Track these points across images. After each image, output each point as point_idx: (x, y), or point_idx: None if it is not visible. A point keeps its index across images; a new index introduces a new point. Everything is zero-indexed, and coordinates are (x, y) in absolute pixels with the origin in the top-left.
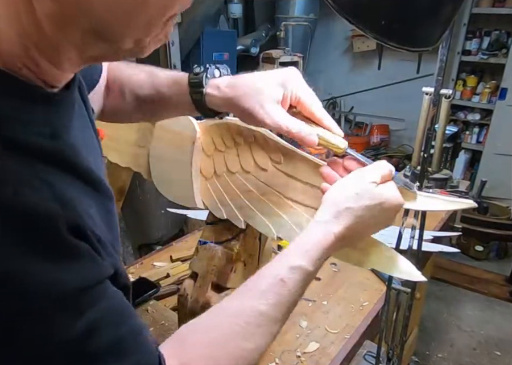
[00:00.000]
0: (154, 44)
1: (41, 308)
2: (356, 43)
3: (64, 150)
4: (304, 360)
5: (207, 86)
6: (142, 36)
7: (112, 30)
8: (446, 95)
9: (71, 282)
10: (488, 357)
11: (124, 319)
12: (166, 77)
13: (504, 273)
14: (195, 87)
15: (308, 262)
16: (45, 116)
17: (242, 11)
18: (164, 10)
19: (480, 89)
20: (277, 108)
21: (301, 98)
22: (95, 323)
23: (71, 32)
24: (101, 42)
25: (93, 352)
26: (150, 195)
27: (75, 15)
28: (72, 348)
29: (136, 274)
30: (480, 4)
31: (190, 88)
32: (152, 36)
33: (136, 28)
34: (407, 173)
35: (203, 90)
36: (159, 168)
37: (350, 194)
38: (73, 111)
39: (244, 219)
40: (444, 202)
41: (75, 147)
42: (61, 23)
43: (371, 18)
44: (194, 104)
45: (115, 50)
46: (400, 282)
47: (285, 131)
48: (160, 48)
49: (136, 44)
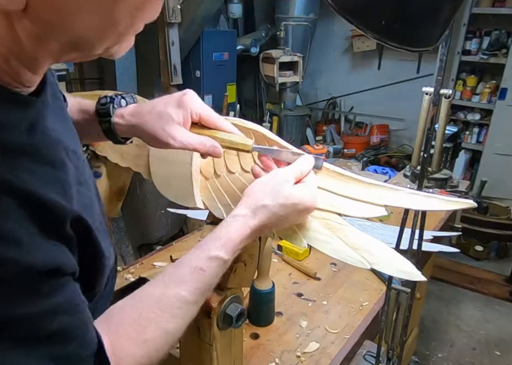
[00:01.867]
0: (119, 50)
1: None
2: (356, 43)
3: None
4: (304, 360)
5: (114, 116)
6: (112, 45)
7: (88, 42)
8: (446, 95)
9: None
10: (488, 357)
11: (76, 311)
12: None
13: (504, 273)
14: (103, 116)
15: (225, 253)
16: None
17: (242, 11)
18: (133, 26)
19: (480, 89)
20: (178, 129)
21: (201, 114)
22: (50, 309)
23: (49, 46)
24: (76, 51)
25: (42, 334)
26: (150, 195)
27: (55, 33)
28: (25, 325)
29: (136, 274)
30: (480, 4)
31: (98, 118)
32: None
33: (109, 39)
34: (407, 173)
35: (111, 119)
36: (158, 168)
37: (267, 192)
38: (48, 107)
39: None
40: (444, 202)
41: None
42: (41, 39)
43: (371, 18)
44: (103, 132)
45: (87, 56)
46: (400, 282)
47: (191, 148)
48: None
49: (105, 50)
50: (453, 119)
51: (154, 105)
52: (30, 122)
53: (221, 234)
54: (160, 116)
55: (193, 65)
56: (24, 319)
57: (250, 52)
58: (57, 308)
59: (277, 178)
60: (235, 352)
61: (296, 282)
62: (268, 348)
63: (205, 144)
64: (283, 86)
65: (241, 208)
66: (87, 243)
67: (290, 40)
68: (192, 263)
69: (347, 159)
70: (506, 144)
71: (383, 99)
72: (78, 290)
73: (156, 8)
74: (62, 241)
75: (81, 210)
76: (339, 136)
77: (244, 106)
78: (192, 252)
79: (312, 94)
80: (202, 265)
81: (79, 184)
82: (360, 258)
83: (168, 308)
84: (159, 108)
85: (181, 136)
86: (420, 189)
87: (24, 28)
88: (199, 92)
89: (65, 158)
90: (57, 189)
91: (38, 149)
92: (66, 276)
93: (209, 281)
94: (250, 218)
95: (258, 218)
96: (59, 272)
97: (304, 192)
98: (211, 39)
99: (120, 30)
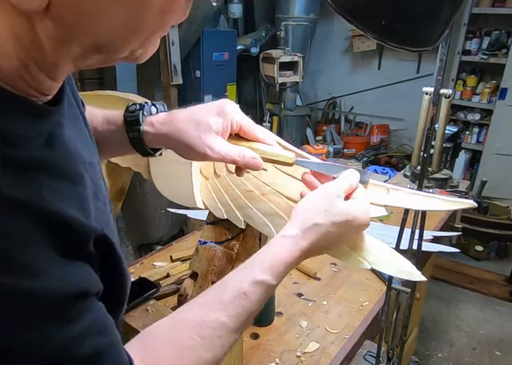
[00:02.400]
0: (145, 53)
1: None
2: (356, 43)
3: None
4: (304, 360)
5: (143, 124)
6: (137, 48)
7: (112, 45)
8: (446, 95)
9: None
10: (488, 357)
11: (105, 331)
12: (100, 114)
13: (504, 273)
14: (131, 125)
15: (272, 277)
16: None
17: (242, 11)
18: (159, 29)
19: (480, 89)
20: (216, 138)
21: (242, 125)
22: (79, 333)
23: (71, 49)
24: (99, 54)
25: (71, 360)
26: (150, 195)
27: (78, 36)
28: (54, 355)
29: (136, 274)
30: (480, 4)
31: (126, 126)
32: (145, 48)
33: (134, 43)
34: (407, 173)
35: (140, 127)
36: (158, 168)
37: (318, 210)
38: (65, 117)
39: (244, 219)
40: (444, 202)
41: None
42: (63, 42)
43: (371, 18)
44: (130, 142)
45: (111, 60)
46: (400, 282)
47: (229, 160)
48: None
49: (130, 53)
50: (453, 119)
51: (190, 112)
52: (48, 134)
53: (268, 256)
54: (197, 124)
55: (193, 65)
56: (55, 348)
57: (250, 52)
58: (86, 332)
59: (327, 194)
60: (235, 352)
61: (296, 282)
62: (268, 348)
63: (244, 155)
64: (283, 86)
65: (291, 229)
66: (110, 259)
67: (290, 40)
68: (234, 286)
69: (347, 159)
70: (506, 144)
71: (383, 99)
72: (103, 309)
73: (185, 9)
74: (85, 260)
75: (101, 226)
76: (339, 136)
77: (244, 106)
78: (235, 272)
79: (312, 94)
80: (245, 289)
81: (96, 198)
82: (360, 258)
83: (207, 336)
84: (196, 116)
85: (220, 147)
86: (420, 189)
87: (46, 29)
88: (199, 92)
89: (83, 171)
90: (77, 205)
91: (58, 163)
92: (92, 296)
93: (251, 307)
94: (301, 238)
95: (309, 239)
96: (85, 294)
97: (356, 207)
98: (211, 39)
99: (147, 33)
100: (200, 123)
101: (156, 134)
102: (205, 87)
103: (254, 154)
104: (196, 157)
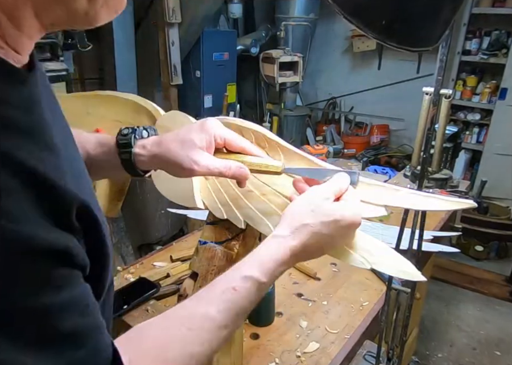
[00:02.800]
0: (107, 9)
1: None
2: (356, 43)
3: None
4: (304, 360)
5: (135, 146)
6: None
7: None
8: (446, 95)
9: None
10: (488, 357)
11: (88, 312)
12: (92, 138)
13: (504, 273)
14: (124, 147)
15: (261, 274)
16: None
17: (242, 11)
18: None
19: (480, 89)
20: (202, 154)
21: (226, 138)
22: (61, 304)
23: None
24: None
25: (52, 334)
26: (150, 195)
27: None
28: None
29: (136, 274)
30: (480, 4)
31: (118, 149)
32: None
33: None
34: (407, 173)
35: (132, 150)
36: None
37: (306, 210)
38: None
39: (244, 219)
40: (444, 202)
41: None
42: None
43: (371, 18)
44: (122, 164)
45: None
46: (400, 282)
47: (217, 173)
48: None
49: (90, 5)
50: (453, 119)
51: (176, 133)
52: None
53: (258, 255)
54: (182, 142)
55: (193, 65)
56: (35, 311)
57: (250, 52)
58: (68, 306)
59: (314, 196)
60: (235, 352)
61: (296, 282)
62: (268, 348)
63: (230, 166)
64: (283, 86)
65: (281, 229)
66: (94, 236)
67: (290, 40)
68: (224, 283)
69: (347, 159)
70: (506, 144)
71: (383, 99)
72: (89, 290)
73: None
74: (69, 231)
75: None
76: (339, 136)
77: (244, 106)
78: (226, 272)
79: (312, 94)
80: (234, 284)
81: (78, 176)
82: (360, 258)
83: (195, 329)
84: (181, 136)
85: (205, 161)
86: (420, 189)
87: None
88: (199, 92)
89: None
90: (58, 175)
91: (38, 131)
92: (76, 269)
93: (241, 302)
94: (290, 238)
95: (299, 238)
96: (67, 257)
97: (344, 208)
98: (211, 39)
99: None
100: (185, 141)
101: (147, 156)
102: (205, 87)
103: (240, 164)
104: (185, 173)
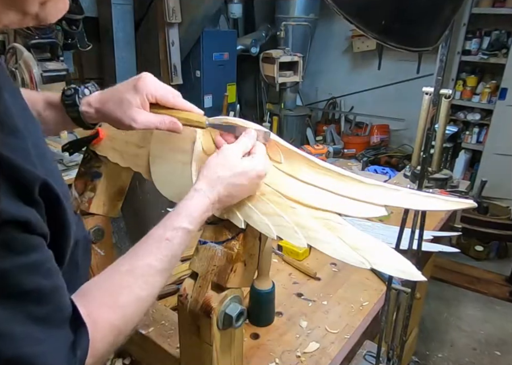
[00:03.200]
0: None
1: None
2: (356, 43)
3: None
4: (304, 360)
5: (81, 105)
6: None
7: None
8: (446, 95)
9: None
10: (488, 357)
11: (50, 275)
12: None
13: (504, 273)
14: (70, 107)
15: (189, 224)
16: None
17: (242, 11)
18: None
19: (480, 89)
20: (138, 112)
21: (157, 95)
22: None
23: None
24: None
25: (16, 291)
26: (150, 195)
27: None
28: None
29: None
30: (480, 4)
31: (65, 108)
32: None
33: None
34: (407, 173)
35: (79, 108)
36: (158, 167)
37: (220, 164)
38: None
39: (244, 219)
40: (444, 202)
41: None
42: None
43: (371, 18)
44: (72, 121)
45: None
46: (400, 282)
47: (153, 127)
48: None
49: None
50: (453, 119)
51: (114, 92)
52: None
53: (183, 207)
54: (120, 102)
55: (193, 65)
56: None
57: (250, 52)
58: (31, 268)
59: (226, 152)
60: (235, 352)
61: (296, 282)
62: (268, 348)
63: (165, 121)
64: (283, 86)
65: (199, 183)
66: (55, 210)
67: (290, 40)
68: (157, 236)
69: (347, 159)
70: (506, 144)
71: (383, 99)
72: (52, 256)
73: None
74: (31, 206)
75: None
76: (339, 136)
77: (244, 106)
78: (156, 227)
79: (312, 94)
80: (168, 235)
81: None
82: (360, 258)
83: (140, 277)
84: (119, 95)
85: (142, 118)
86: (420, 189)
87: None
88: (199, 92)
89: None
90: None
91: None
92: (38, 236)
93: (176, 250)
94: (208, 190)
95: (216, 189)
96: (29, 226)
97: (252, 161)
98: (211, 39)
99: None
100: (122, 101)
101: (93, 112)
102: (205, 87)
103: (173, 119)
104: (125, 128)
